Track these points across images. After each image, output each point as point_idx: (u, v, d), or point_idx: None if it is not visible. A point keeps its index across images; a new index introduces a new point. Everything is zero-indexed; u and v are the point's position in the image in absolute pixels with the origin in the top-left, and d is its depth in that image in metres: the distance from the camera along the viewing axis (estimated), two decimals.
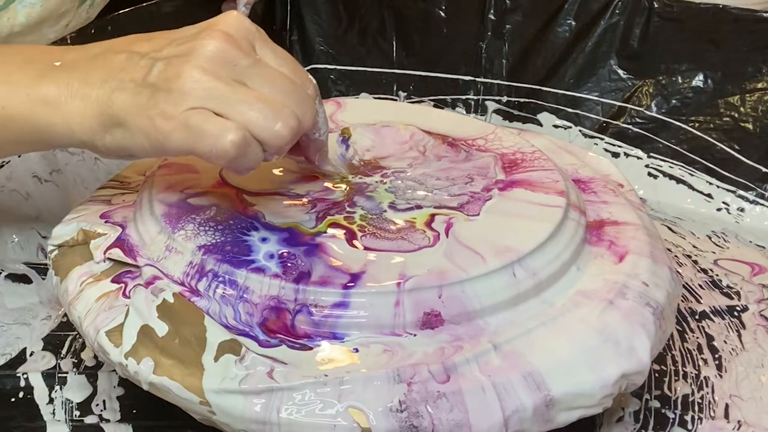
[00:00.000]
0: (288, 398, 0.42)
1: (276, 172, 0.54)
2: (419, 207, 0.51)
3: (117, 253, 0.50)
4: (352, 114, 0.61)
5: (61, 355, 0.57)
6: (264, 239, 0.48)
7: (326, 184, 0.53)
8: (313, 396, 0.42)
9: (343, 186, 0.53)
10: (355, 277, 0.45)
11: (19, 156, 0.66)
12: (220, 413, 0.43)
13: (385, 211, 0.50)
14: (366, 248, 0.47)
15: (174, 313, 0.45)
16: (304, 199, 0.51)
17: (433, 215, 0.50)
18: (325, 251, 0.47)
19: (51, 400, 0.54)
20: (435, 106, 0.83)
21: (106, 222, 0.52)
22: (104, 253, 0.50)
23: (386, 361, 0.43)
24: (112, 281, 0.49)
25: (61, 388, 0.55)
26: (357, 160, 0.56)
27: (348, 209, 0.50)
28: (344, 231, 0.48)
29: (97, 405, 0.54)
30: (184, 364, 0.44)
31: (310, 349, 0.44)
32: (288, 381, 0.42)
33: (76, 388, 0.55)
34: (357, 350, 0.44)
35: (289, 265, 0.46)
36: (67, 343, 0.58)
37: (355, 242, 0.47)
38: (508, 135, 0.59)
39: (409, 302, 0.44)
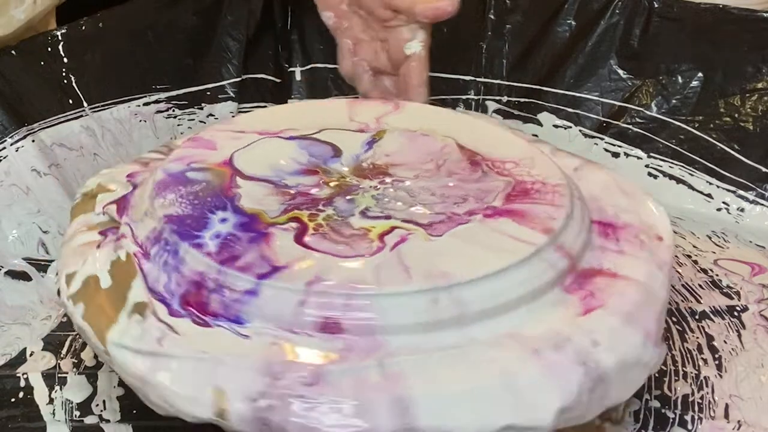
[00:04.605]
0: (166, 365, 0.44)
1: (281, 161, 0.55)
2: (388, 217, 0.50)
3: (111, 209, 0.53)
4: (402, 118, 0.60)
5: (61, 355, 0.57)
6: (223, 220, 0.49)
7: (321, 180, 0.53)
8: (189, 369, 0.43)
9: (335, 185, 0.53)
10: (275, 270, 0.45)
11: (17, 150, 0.66)
12: (116, 365, 0.46)
13: (353, 215, 0.50)
14: (307, 246, 0.47)
15: (120, 270, 0.49)
16: (291, 191, 0.52)
17: (393, 227, 0.49)
18: (267, 242, 0.47)
19: (51, 401, 0.54)
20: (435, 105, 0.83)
21: (128, 180, 0.56)
22: (103, 207, 0.54)
23: (268, 353, 0.44)
24: (99, 233, 0.52)
25: (61, 388, 0.55)
26: (367, 164, 0.55)
27: (320, 207, 0.51)
28: (298, 226, 0.49)
29: (97, 405, 0.54)
30: (106, 316, 0.47)
31: (210, 327, 0.45)
32: (171, 350, 0.44)
33: (76, 388, 0.55)
34: (249, 337, 0.44)
35: (226, 247, 0.47)
36: (67, 343, 0.58)
37: (303, 239, 0.48)
38: (546, 164, 0.55)
39: (314, 304, 0.44)
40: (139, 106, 0.76)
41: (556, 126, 0.80)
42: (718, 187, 0.74)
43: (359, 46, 0.70)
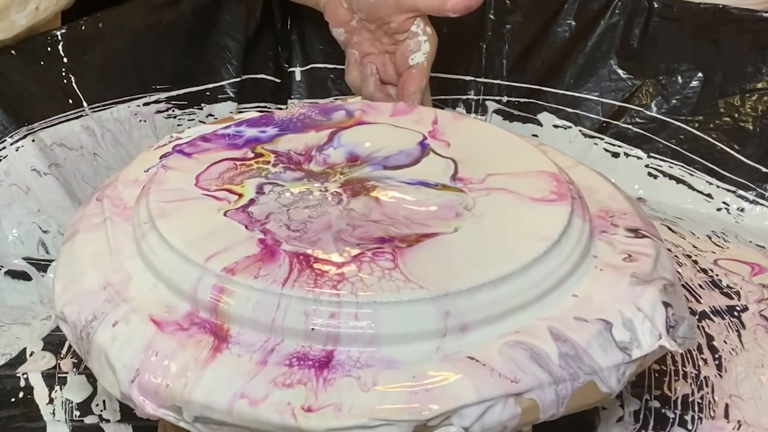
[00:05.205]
0: None
1: (367, 144, 0.57)
2: (259, 192, 0.51)
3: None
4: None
5: (61, 355, 0.57)
6: (263, 131, 0.58)
7: (335, 165, 0.54)
8: None
9: (321, 170, 0.54)
10: (177, 150, 0.56)
11: (17, 150, 0.66)
12: None
13: (261, 181, 0.52)
14: (212, 164, 0.54)
15: None
16: (313, 154, 0.56)
17: (251, 199, 0.51)
18: (225, 147, 0.56)
19: (51, 400, 0.54)
20: (435, 105, 0.83)
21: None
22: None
23: None
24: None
25: (61, 388, 0.55)
26: (380, 184, 0.52)
27: (283, 166, 0.54)
28: (251, 155, 0.55)
29: (97, 405, 0.54)
30: None
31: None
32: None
33: (76, 388, 0.55)
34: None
35: (220, 135, 0.57)
36: (67, 343, 0.58)
37: (222, 160, 0.54)
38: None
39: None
40: (139, 106, 0.76)
41: (556, 126, 0.80)
42: (718, 187, 0.74)
43: (367, 59, 0.72)
